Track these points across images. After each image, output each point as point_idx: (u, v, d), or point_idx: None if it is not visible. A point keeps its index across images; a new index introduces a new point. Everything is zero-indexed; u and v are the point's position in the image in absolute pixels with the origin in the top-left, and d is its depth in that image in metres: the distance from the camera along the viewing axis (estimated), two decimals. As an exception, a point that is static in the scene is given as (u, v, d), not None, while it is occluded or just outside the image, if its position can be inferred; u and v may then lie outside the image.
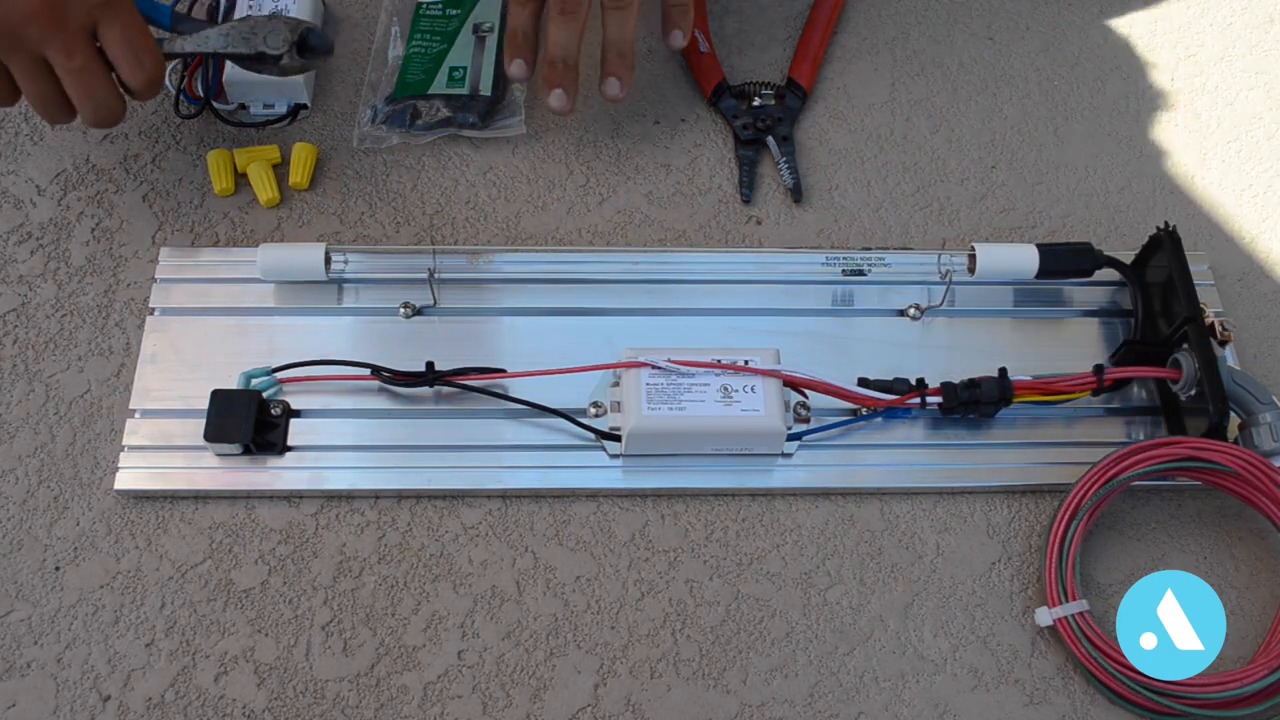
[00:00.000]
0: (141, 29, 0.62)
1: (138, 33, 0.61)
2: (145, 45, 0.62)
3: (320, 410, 0.64)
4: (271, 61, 0.65)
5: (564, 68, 0.68)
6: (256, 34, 0.64)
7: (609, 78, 0.69)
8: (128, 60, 0.61)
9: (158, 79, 0.63)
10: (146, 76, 0.62)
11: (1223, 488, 0.62)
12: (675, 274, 0.69)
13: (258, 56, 0.65)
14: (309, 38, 0.66)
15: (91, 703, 0.57)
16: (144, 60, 0.62)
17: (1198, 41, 0.82)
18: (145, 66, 0.62)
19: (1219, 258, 0.73)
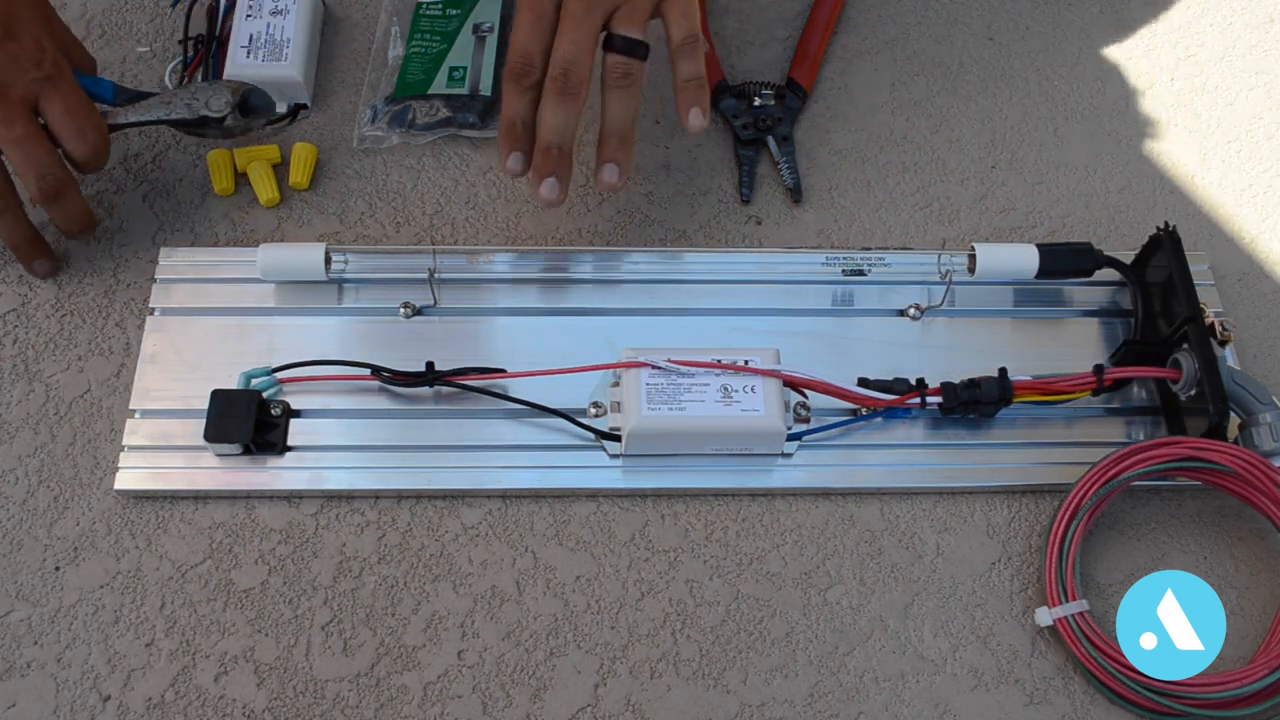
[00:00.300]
0: (83, 102, 0.62)
1: (79, 105, 0.62)
2: (87, 117, 0.62)
3: (320, 410, 0.64)
4: (215, 124, 0.65)
5: (559, 155, 0.62)
6: (199, 99, 0.65)
7: (607, 164, 0.63)
8: (69, 132, 0.62)
9: (101, 150, 0.63)
10: (89, 148, 0.62)
11: (1223, 488, 0.62)
12: (675, 274, 0.69)
13: (200, 121, 0.65)
14: (250, 98, 0.66)
15: (91, 703, 0.57)
16: (86, 132, 0.62)
17: (1198, 41, 0.82)
18: (88, 138, 0.62)
19: (1219, 258, 0.73)
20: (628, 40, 0.60)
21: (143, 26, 0.77)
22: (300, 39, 0.73)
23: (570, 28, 0.60)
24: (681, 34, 0.62)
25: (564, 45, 0.60)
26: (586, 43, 0.60)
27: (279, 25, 0.73)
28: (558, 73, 0.60)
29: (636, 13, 0.60)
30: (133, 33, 0.77)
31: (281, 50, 0.73)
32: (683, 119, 0.63)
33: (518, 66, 0.61)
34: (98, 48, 0.76)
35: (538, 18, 0.60)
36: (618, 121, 0.62)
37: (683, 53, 0.62)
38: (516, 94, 0.61)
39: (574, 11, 0.60)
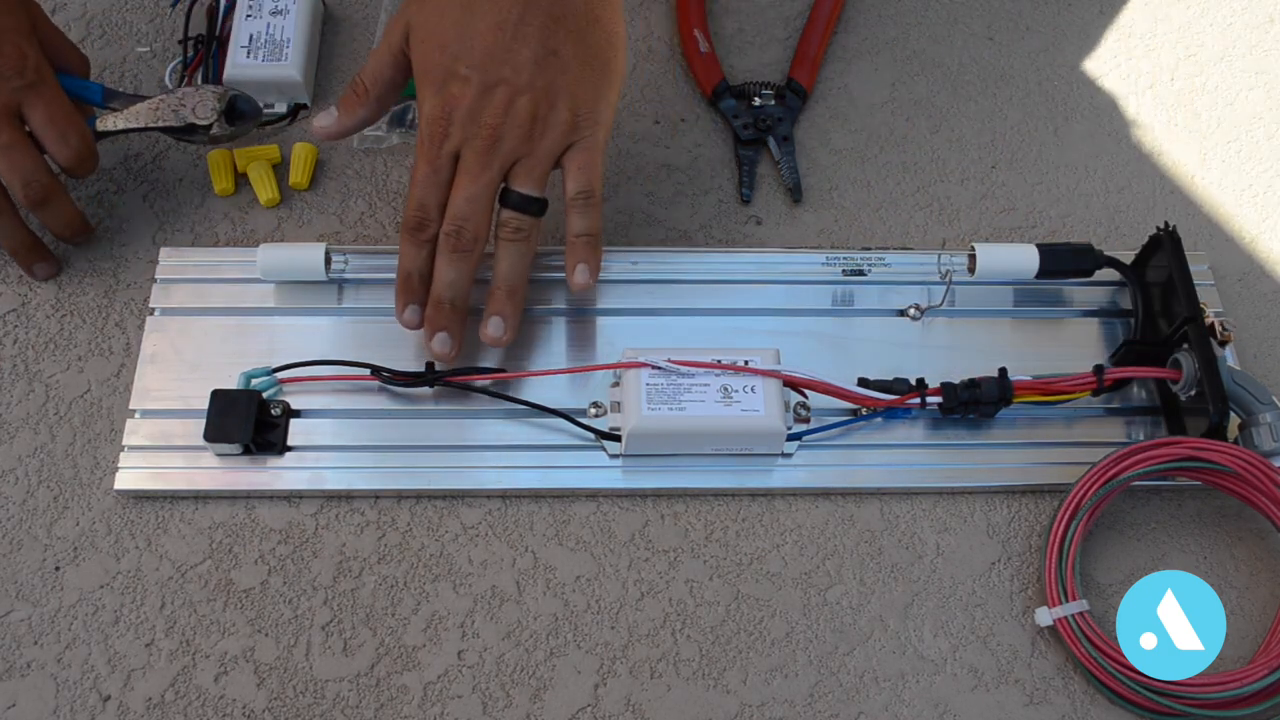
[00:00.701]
0: (65, 108, 0.63)
1: (62, 112, 0.62)
2: (70, 123, 0.63)
3: (320, 410, 0.64)
4: (202, 131, 0.66)
5: (451, 310, 0.61)
6: (185, 105, 0.65)
7: (493, 317, 0.61)
8: (52, 138, 0.62)
9: (85, 155, 0.63)
10: (72, 153, 0.63)
11: (1223, 488, 0.62)
12: (675, 274, 0.69)
13: (187, 128, 0.65)
14: (237, 104, 0.66)
15: (91, 703, 0.57)
16: (69, 138, 0.62)
17: (1198, 41, 0.82)
18: (70, 144, 0.63)
19: (1219, 258, 0.73)
20: (523, 197, 0.60)
21: (143, 26, 0.77)
22: (300, 39, 0.73)
23: (465, 184, 0.59)
24: (576, 187, 0.61)
25: (458, 201, 0.59)
26: (481, 199, 0.59)
27: (279, 25, 0.73)
28: (451, 229, 0.59)
29: (535, 168, 0.60)
30: (133, 33, 0.77)
31: (281, 50, 0.73)
32: (568, 275, 0.62)
33: (413, 220, 0.60)
34: (98, 48, 0.76)
35: (434, 170, 0.59)
36: (507, 276, 0.61)
37: (576, 206, 0.61)
38: (412, 246, 0.61)
39: (470, 167, 0.59)
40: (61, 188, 0.64)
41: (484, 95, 0.58)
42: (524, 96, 0.58)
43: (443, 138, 0.59)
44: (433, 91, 0.59)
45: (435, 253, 0.60)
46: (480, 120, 0.58)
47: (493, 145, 0.59)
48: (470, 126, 0.58)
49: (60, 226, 0.66)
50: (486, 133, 0.58)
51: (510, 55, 0.58)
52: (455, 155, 0.59)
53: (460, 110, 0.58)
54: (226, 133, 0.66)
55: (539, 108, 0.58)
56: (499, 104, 0.58)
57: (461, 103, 0.58)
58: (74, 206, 0.66)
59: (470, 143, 0.59)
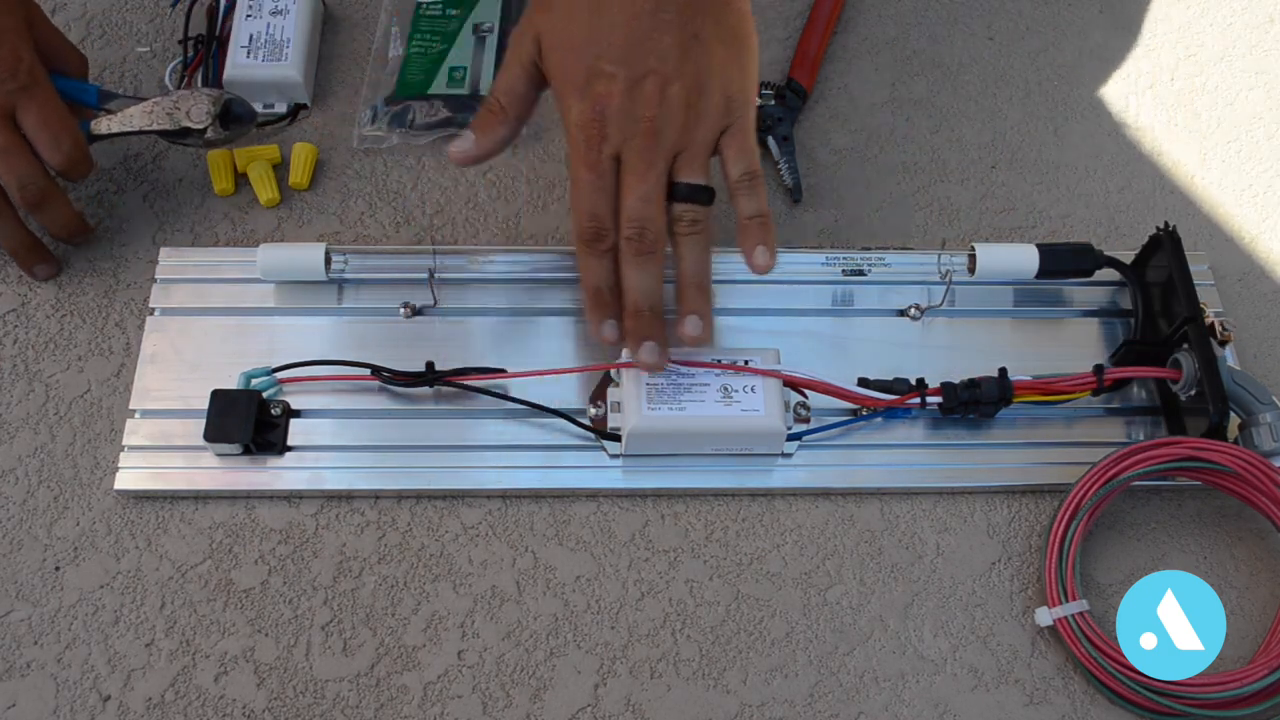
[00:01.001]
0: (58, 111, 0.63)
1: (54, 115, 0.63)
2: (63, 126, 0.63)
3: (320, 410, 0.64)
4: (196, 135, 0.66)
5: (651, 316, 0.58)
6: (180, 108, 0.65)
7: (689, 315, 0.58)
8: (45, 141, 0.62)
9: (77, 159, 0.64)
10: (64, 157, 0.63)
11: (1223, 488, 0.62)
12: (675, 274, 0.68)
13: (182, 131, 0.66)
14: (232, 107, 0.66)
15: (91, 703, 0.57)
16: (61, 141, 0.63)
17: (1198, 41, 0.82)
18: (63, 147, 0.63)
19: (1219, 258, 0.73)
20: (692, 187, 0.57)
21: (143, 26, 0.77)
22: (300, 39, 0.73)
23: (635, 183, 0.56)
24: (739, 170, 0.58)
25: (632, 203, 0.56)
26: (655, 196, 0.56)
27: (279, 25, 0.73)
28: (632, 233, 0.57)
29: (697, 157, 0.57)
30: (133, 33, 0.77)
31: (281, 50, 0.73)
32: (747, 258, 0.59)
33: (589, 232, 0.57)
34: (98, 48, 0.76)
35: (598, 175, 0.56)
36: (694, 271, 0.59)
37: (741, 189, 0.58)
38: (594, 259, 0.58)
39: (635, 166, 0.56)
40: (58, 189, 0.64)
41: (634, 89, 0.55)
42: (675, 84, 0.56)
43: (600, 140, 0.56)
44: (577, 96, 0.57)
45: (615, 260, 0.58)
46: (636, 115, 0.56)
47: (654, 139, 0.56)
48: (627, 123, 0.56)
49: (58, 227, 0.66)
50: (645, 127, 0.56)
51: (653, 44, 0.56)
52: (615, 157, 0.57)
53: (612, 108, 0.56)
54: (221, 136, 0.66)
55: (690, 95, 0.56)
56: (651, 95, 0.55)
57: (612, 100, 0.56)
58: (71, 208, 0.66)
59: (630, 141, 0.56)
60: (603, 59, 0.56)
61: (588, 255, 0.58)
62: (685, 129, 0.56)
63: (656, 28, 0.56)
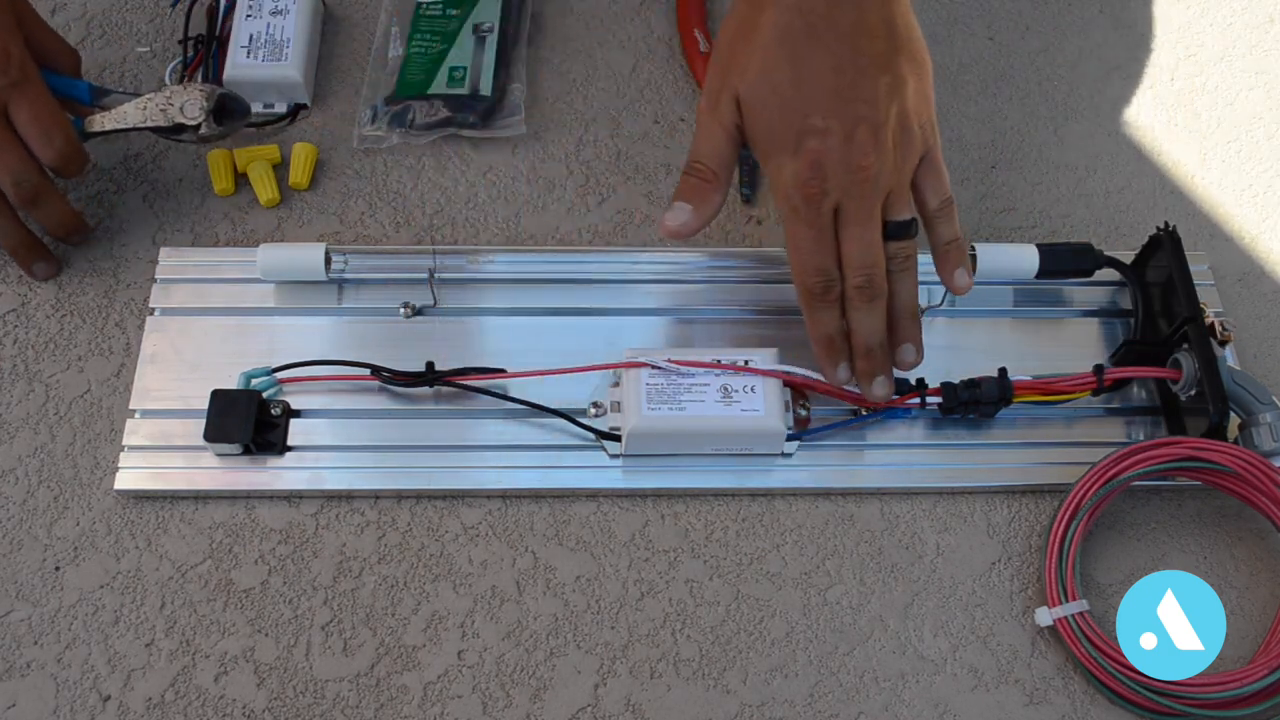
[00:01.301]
0: (50, 107, 0.63)
1: (46, 111, 0.62)
2: (55, 123, 0.63)
3: (320, 410, 0.64)
4: (190, 131, 0.65)
5: (881, 353, 0.60)
6: (173, 104, 0.65)
7: (905, 344, 0.61)
8: (36, 138, 0.62)
9: (69, 155, 0.63)
10: (56, 153, 0.63)
11: (1223, 488, 0.62)
12: (675, 274, 0.69)
13: (176, 127, 0.65)
14: (226, 102, 0.66)
15: (91, 703, 0.57)
16: (53, 137, 0.62)
17: (1198, 41, 0.82)
18: (54, 143, 0.62)
19: (1219, 258, 0.73)
20: (903, 224, 0.58)
21: (143, 26, 0.77)
22: (300, 39, 0.73)
23: (858, 234, 0.57)
24: (937, 200, 0.60)
25: (858, 253, 0.58)
26: (877, 243, 0.58)
27: (279, 25, 0.73)
28: (862, 281, 0.58)
29: (904, 193, 0.58)
30: (133, 33, 0.77)
31: (281, 50, 0.73)
32: (948, 282, 0.62)
33: (819, 285, 0.58)
34: (97, 48, 0.76)
35: (819, 231, 0.57)
36: (907, 303, 0.60)
37: (939, 218, 0.60)
38: (824, 310, 0.59)
39: (856, 216, 0.57)
40: (53, 187, 0.64)
41: (848, 141, 0.56)
42: (884, 130, 0.56)
43: (820, 196, 0.56)
44: (789, 155, 0.57)
45: (841, 307, 0.59)
46: (853, 165, 0.56)
47: (872, 186, 0.57)
48: (845, 175, 0.56)
49: (55, 225, 0.66)
50: (863, 175, 0.56)
51: (859, 91, 0.56)
52: (834, 211, 0.57)
53: (830, 163, 0.56)
54: (215, 132, 0.66)
55: (897, 134, 0.57)
56: (865, 144, 0.56)
57: (828, 156, 0.56)
58: (68, 205, 0.66)
59: (850, 191, 0.56)
60: (813, 115, 0.56)
61: (818, 308, 0.59)
62: (896, 169, 0.57)
63: (860, 73, 0.56)
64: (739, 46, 0.58)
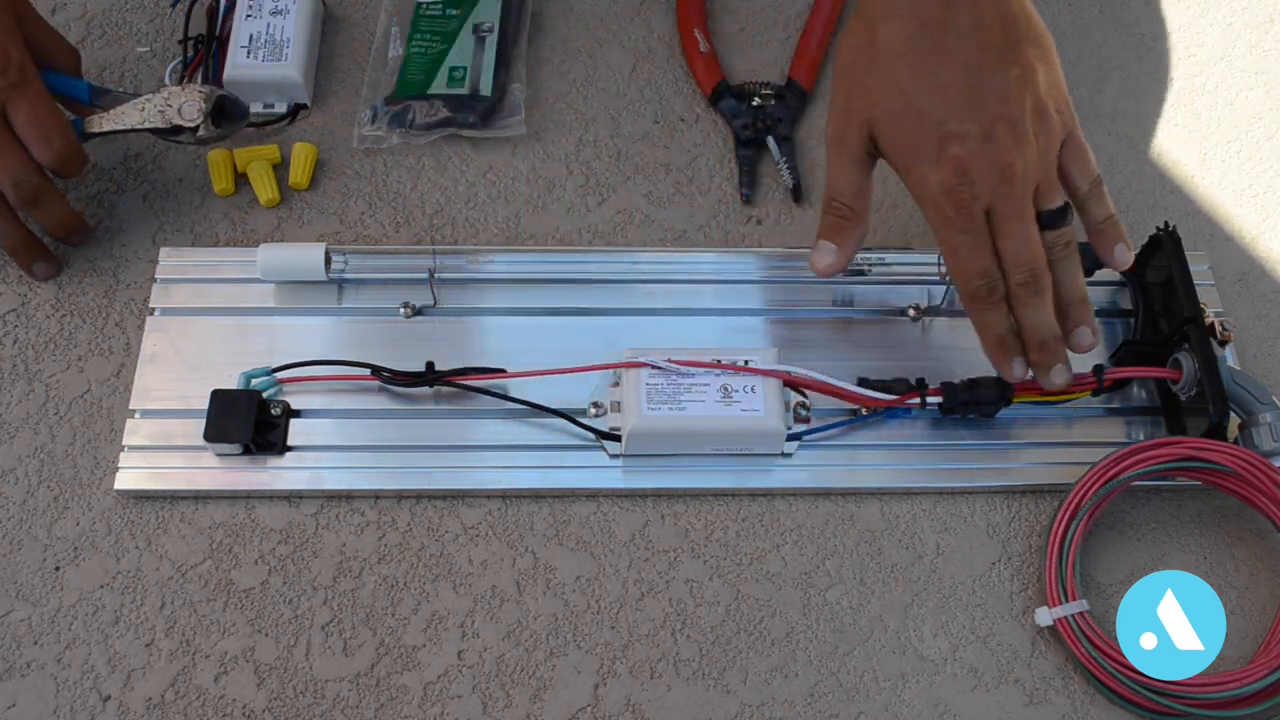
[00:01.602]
0: (49, 109, 0.63)
1: (45, 113, 0.62)
2: (54, 124, 0.62)
3: (320, 410, 0.64)
4: (188, 132, 0.65)
5: (1055, 343, 0.59)
6: (171, 105, 0.65)
7: (1079, 328, 0.60)
8: (35, 139, 0.62)
9: (68, 156, 0.63)
10: (54, 154, 0.63)
11: (1223, 488, 0.62)
12: (675, 274, 0.69)
13: (174, 129, 0.65)
14: (225, 104, 0.66)
15: (91, 703, 0.57)
16: (52, 139, 0.62)
17: (1198, 41, 0.82)
18: (53, 145, 0.62)
19: (1219, 258, 0.73)
20: (1056, 212, 0.58)
21: (143, 26, 0.77)
22: (300, 39, 0.73)
23: (1015, 231, 0.57)
24: (1086, 183, 0.59)
25: (1017, 249, 0.57)
26: (1033, 234, 0.57)
27: (279, 25, 0.73)
28: (1025, 278, 0.57)
29: (1053, 181, 0.58)
30: (133, 33, 0.77)
31: (281, 50, 0.73)
32: (1109, 259, 0.61)
33: (983, 289, 0.58)
34: (97, 48, 0.76)
35: (975, 235, 0.57)
36: (1073, 288, 0.59)
37: (1090, 199, 0.60)
38: (992, 311, 0.58)
39: (1010, 214, 0.56)
40: (52, 187, 0.64)
41: (988, 141, 0.56)
42: (1022, 122, 0.56)
43: (969, 200, 0.56)
44: (932, 164, 0.56)
45: (1009, 303, 0.58)
46: (998, 163, 0.56)
47: (1019, 181, 0.56)
48: (991, 175, 0.56)
49: (55, 225, 0.66)
50: (1009, 173, 0.56)
51: (990, 89, 0.56)
52: (986, 210, 0.57)
53: (975, 168, 0.56)
54: (213, 134, 0.66)
55: (1035, 125, 0.56)
56: (1006, 141, 0.56)
57: (971, 161, 0.56)
58: (67, 205, 0.66)
59: (998, 190, 0.56)
60: (948, 121, 0.56)
61: (986, 310, 0.59)
62: (1040, 159, 0.57)
63: (988, 71, 0.56)
64: (860, 68, 0.58)
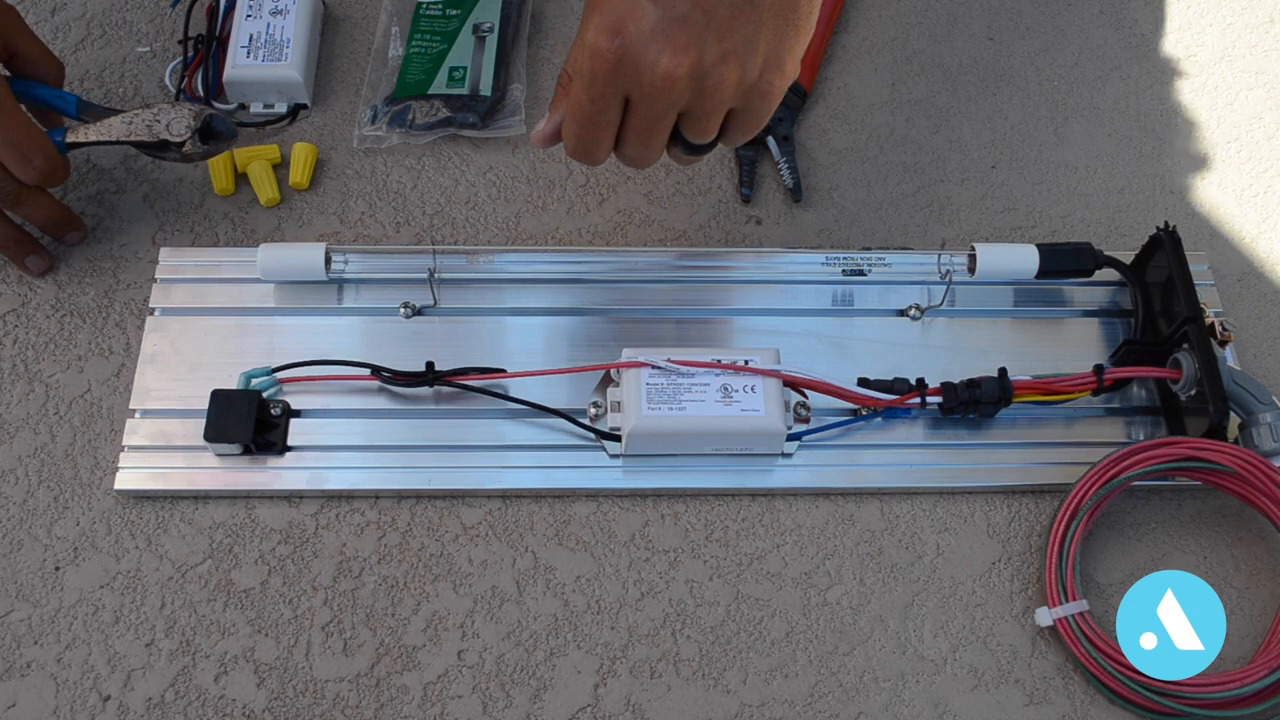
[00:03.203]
0: (25, 127, 0.61)
1: (21, 132, 0.61)
2: (32, 143, 0.61)
3: (320, 410, 0.64)
4: (175, 149, 0.64)
5: None
6: (159, 121, 0.64)
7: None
8: (16, 162, 0.61)
9: (50, 171, 0.62)
10: (36, 173, 0.62)
11: (1223, 488, 0.62)
12: (675, 274, 0.69)
13: (160, 144, 0.64)
14: (212, 123, 0.65)
15: (91, 703, 0.57)
16: (32, 158, 0.61)
17: (1198, 41, 0.82)
18: (35, 164, 0.62)
19: (1219, 258, 0.73)
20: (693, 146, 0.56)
21: (143, 26, 0.77)
22: (300, 39, 0.73)
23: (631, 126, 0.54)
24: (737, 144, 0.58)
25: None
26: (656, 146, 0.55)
27: (279, 25, 0.73)
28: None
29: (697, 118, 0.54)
30: (133, 33, 0.77)
31: (281, 50, 0.73)
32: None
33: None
34: (98, 48, 0.76)
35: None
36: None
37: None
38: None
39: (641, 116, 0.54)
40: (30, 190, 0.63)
41: (665, 36, 0.51)
42: (708, 47, 0.51)
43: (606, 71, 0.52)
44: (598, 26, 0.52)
45: None
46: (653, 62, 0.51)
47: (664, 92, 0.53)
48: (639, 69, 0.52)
49: (44, 221, 0.66)
50: (660, 73, 0.52)
51: (715, 13, 0.51)
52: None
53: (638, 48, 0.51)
54: (199, 151, 0.65)
55: (719, 62, 0.52)
56: (680, 42, 0.51)
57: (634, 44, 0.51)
58: (53, 199, 0.65)
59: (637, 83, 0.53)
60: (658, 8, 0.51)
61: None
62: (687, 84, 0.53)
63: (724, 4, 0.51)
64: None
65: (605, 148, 0.56)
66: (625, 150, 0.56)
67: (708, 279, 0.69)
